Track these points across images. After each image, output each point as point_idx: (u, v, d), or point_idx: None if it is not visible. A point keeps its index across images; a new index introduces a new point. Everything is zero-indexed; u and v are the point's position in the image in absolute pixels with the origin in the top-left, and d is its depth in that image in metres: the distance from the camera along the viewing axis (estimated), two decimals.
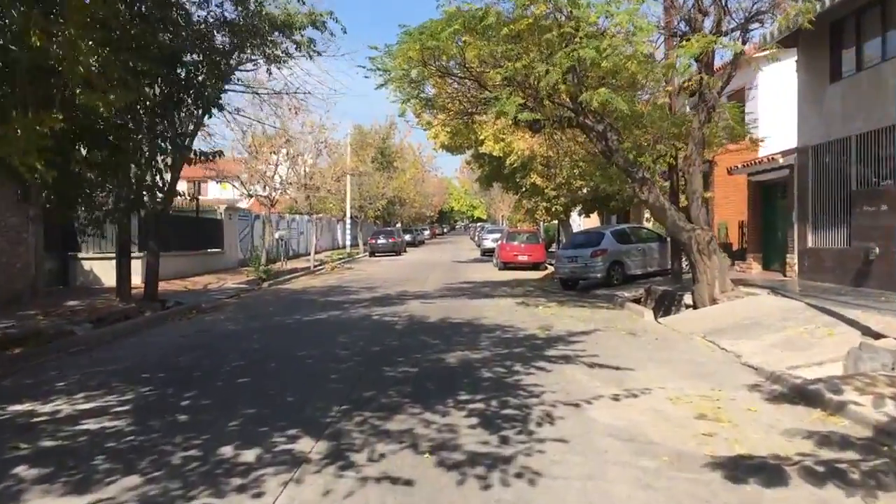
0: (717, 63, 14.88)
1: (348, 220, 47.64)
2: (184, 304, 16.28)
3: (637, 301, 17.72)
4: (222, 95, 15.96)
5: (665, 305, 15.62)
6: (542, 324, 12.93)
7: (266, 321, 14.05)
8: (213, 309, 16.36)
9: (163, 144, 15.03)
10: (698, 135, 13.58)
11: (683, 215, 14.29)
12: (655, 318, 13.79)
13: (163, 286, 20.59)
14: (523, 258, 29.51)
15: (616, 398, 7.12)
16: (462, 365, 9.05)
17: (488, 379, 8.12)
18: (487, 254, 40.94)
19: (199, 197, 26.03)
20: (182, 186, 56.12)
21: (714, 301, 13.71)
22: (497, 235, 40.38)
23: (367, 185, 50.27)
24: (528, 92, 13.39)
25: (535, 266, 29.72)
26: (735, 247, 23.13)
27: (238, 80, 17.53)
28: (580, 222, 42.77)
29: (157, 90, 14.45)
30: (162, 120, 14.64)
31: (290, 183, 33.40)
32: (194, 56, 15.08)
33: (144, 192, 14.94)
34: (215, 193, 45.04)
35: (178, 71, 14.67)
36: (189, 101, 15.14)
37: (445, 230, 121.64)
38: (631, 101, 15.42)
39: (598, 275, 19.74)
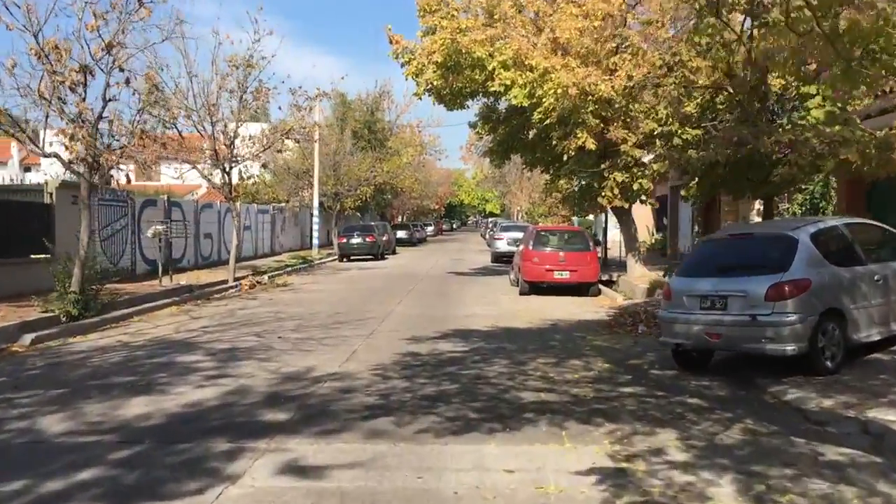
0: None
1: (316, 212, 35.62)
2: None
3: None
4: None
5: None
6: None
7: None
8: None
9: None
10: None
11: None
12: None
13: None
14: (563, 275, 17.34)
15: None
16: None
17: None
18: (502, 260, 28.80)
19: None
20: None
21: None
22: (516, 235, 28.03)
23: (347, 166, 38.25)
24: None
25: (582, 288, 17.61)
26: None
27: None
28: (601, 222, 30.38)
29: None
30: None
31: (197, 151, 21.68)
32: None
33: None
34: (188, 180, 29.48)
35: None
36: None
37: (455, 226, 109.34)
38: None
39: (789, 346, 7.59)
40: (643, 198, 15.50)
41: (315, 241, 35.39)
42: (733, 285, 8.09)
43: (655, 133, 11.74)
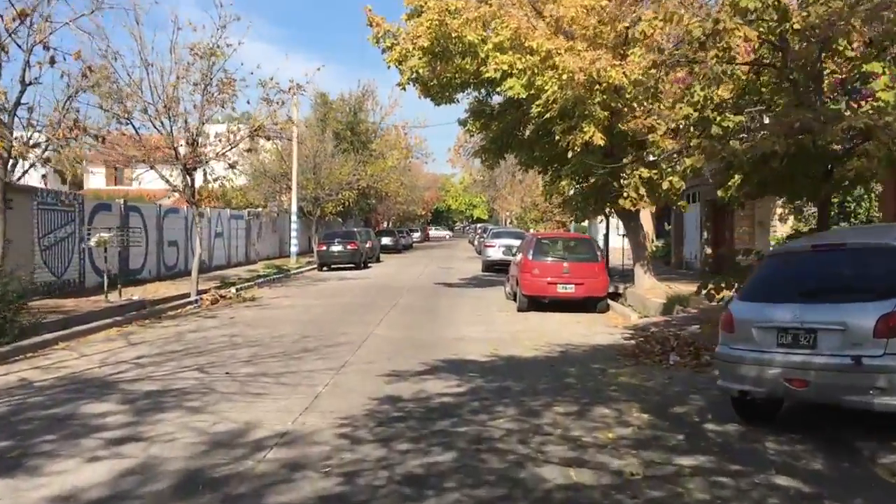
0: None
1: (294, 217, 33.35)
2: None
3: None
4: None
5: None
6: None
7: None
8: None
9: None
10: None
11: None
12: None
13: None
14: (567, 289, 15.23)
15: None
16: None
17: None
18: (494, 269, 26.74)
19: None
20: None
21: None
22: (509, 242, 26.00)
23: (328, 168, 36.09)
24: None
25: (588, 303, 15.54)
26: None
27: None
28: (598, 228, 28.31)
29: None
30: None
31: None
32: None
33: None
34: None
35: None
36: None
37: (447, 237, 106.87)
38: None
39: None
40: (679, 204, 13.37)
41: (293, 249, 33.09)
42: (825, 315, 5.97)
43: (690, 121, 9.63)
